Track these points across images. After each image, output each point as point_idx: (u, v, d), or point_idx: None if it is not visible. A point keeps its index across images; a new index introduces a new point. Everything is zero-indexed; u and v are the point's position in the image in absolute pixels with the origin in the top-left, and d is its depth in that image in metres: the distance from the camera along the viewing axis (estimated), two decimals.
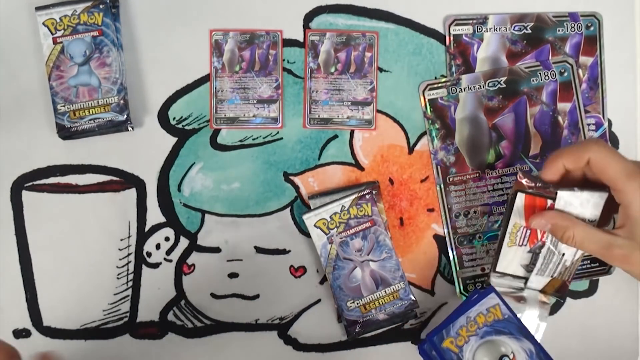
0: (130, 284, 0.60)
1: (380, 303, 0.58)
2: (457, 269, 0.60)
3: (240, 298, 0.60)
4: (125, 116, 0.58)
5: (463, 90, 0.60)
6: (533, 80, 0.60)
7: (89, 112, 0.58)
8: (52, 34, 0.58)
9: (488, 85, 0.60)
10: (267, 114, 0.60)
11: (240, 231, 0.60)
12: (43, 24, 0.58)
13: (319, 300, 0.61)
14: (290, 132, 0.61)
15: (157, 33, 0.60)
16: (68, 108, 0.58)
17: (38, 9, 0.58)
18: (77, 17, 0.58)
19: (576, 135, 0.60)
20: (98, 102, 0.58)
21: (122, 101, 0.58)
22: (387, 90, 0.61)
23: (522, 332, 0.47)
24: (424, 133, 0.61)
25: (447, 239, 0.61)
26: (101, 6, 0.58)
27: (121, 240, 0.60)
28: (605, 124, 0.61)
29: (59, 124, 0.58)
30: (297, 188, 0.61)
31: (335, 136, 0.61)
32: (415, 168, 0.61)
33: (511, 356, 0.47)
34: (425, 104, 0.61)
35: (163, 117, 0.60)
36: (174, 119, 0.60)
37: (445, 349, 0.47)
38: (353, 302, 0.58)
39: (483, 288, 0.51)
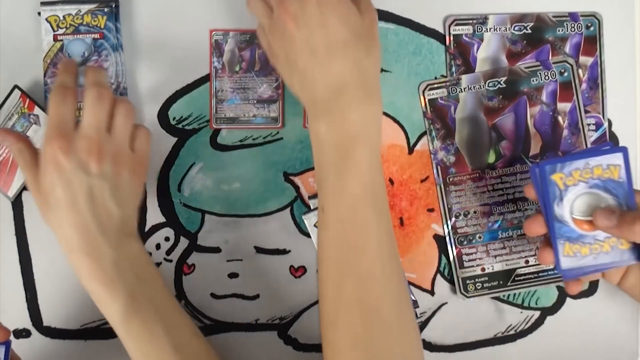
0: None
1: None
2: (457, 269, 0.60)
3: (240, 298, 0.60)
4: None
5: (463, 90, 0.60)
6: (533, 80, 0.60)
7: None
8: (53, 30, 0.58)
9: (488, 85, 0.60)
10: (267, 114, 0.60)
11: (240, 231, 0.60)
12: (46, 19, 0.58)
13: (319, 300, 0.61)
14: (290, 132, 0.61)
15: (157, 33, 0.60)
16: None
17: (43, 3, 0.58)
18: (80, 18, 0.58)
19: (576, 135, 0.60)
20: None
21: None
22: (387, 91, 0.61)
23: (627, 200, 0.48)
24: (424, 133, 0.61)
25: (447, 239, 0.61)
26: (106, 9, 0.58)
27: None
28: (605, 124, 0.61)
29: None
30: (297, 188, 0.61)
31: None
32: (415, 168, 0.61)
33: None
34: (425, 104, 0.61)
35: (163, 117, 0.60)
36: (174, 119, 0.60)
37: (551, 181, 0.48)
38: None
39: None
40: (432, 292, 0.61)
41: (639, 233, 0.47)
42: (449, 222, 0.60)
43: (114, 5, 0.58)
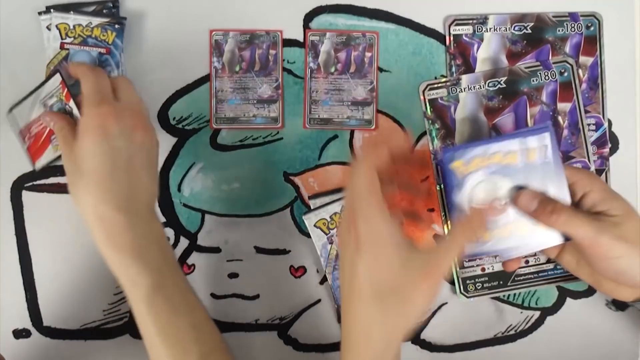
0: None
1: None
2: (457, 269, 0.60)
3: (240, 298, 0.60)
4: None
5: (463, 90, 0.60)
6: (533, 80, 0.60)
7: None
8: (61, 38, 0.58)
9: (488, 85, 0.60)
10: (267, 114, 0.60)
11: (240, 231, 0.60)
12: (55, 26, 0.58)
13: (319, 300, 0.61)
14: (290, 132, 0.61)
15: (157, 33, 0.60)
16: None
17: (55, 9, 0.58)
18: (90, 30, 0.58)
19: (576, 135, 0.60)
20: None
21: None
22: (387, 90, 0.61)
23: (548, 178, 0.49)
24: (424, 133, 0.61)
25: None
26: (117, 26, 0.58)
27: None
28: (605, 124, 0.61)
29: None
30: (297, 188, 0.61)
31: (336, 136, 0.61)
32: (415, 168, 0.61)
33: (504, 201, 0.49)
34: (425, 104, 0.61)
35: (163, 117, 0.60)
36: (174, 119, 0.60)
37: (449, 170, 0.49)
38: None
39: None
40: None
41: (553, 222, 0.48)
42: (449, 222, 0.60)
43: (124, 23, 0.58)
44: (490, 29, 0.61)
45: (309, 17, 0.61)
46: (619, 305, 0.56)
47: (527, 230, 0.50)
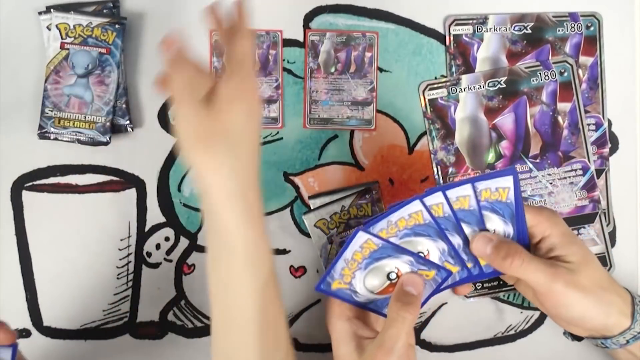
0: (130, 284, 0.60)
1: None
2: None
3: None
4: (107, 139, 0.58)
5: (463, 90, 0.60)
6: (533, 80, 0.60)
7: (74, 125, 0.58)
8: (61, 38, 0.58)
9: (488, 85, 0.60)
10: (267, 114, 0.60)
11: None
12: (56, 26, 0.58)
13: (319, 301, 0.61)
14: (290, 132, 0.61)
15: (157, 33, 0.60)
16: (55, 114, 0.58)
17: (56, 9, 0.58)
18: (90, 30, 0.58)
19: (576, 135, 0.60)
20: (85, 117, 0.58)
21: (108, 123, 0.58)
22: (387, 90, 0.61)
23: (511, 219, 0.49)
24: (424, 133, 0.61)
25: None
26: (117, 26, 0.58)
27: (121, 240, 0.60)
28: (605, 124, 0.61)
29: (42, 126, 0.58)
30: (297, 188, 0.61)
31: (335, 136, 0.61)
32: (415, 168, 0.61)
33: (396, 271, 0.49)
34: (425, 104, 0.61)
35: (163, 117, 0.60)
36: (174, 119, 0.60)
37: (336, 290, 0.50)
38: None
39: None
40: None
41: (507, 268, 0.48)
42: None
43: (125, 23, 0.58)
44: (490, 29, 0.61)
45: (309, 17, 0.61)
46: (574, 337, 0.57)
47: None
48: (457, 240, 0.49)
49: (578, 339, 0.55)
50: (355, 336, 0.50)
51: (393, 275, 0.49)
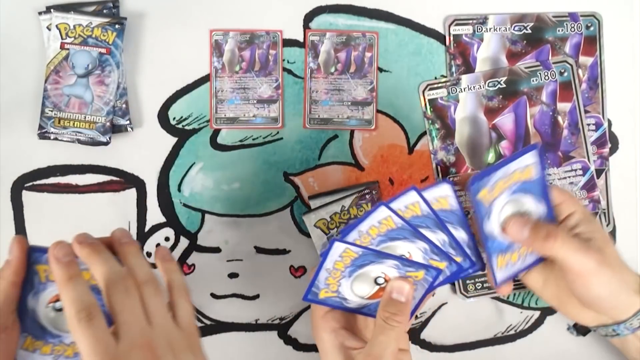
0: None
1: None
2: None
3: (240, 298, 0.60)
4: (107, 139, 0.58)
5: (463, 90, 0.60)
6: (533, 80, 0.60)
7: (74, 125, 0.58)
8: (61, 38, 0.58)
9: (488, 85, 0.60)
10: (267, 114, 0.60)
11: (240, 231, 0.60)
12: (56, 26, 0.58)
13: None
14: (290, 132, 0.61)
15: (157, 33, 0.60)
16: (55, 114, 0.58)
17: (56, 9, 0.58)
18: (90, 30, 0.58)
19: (576, 135, 0.60)
20: (85, 117, 0.58)
21: (108, 123, 0.58)
22: (387, 90, 0.61)
23: (542, 195, 0.49)
24: (424, 133, 0.61)
25: None
26: (117, 26, 0.58)
27: None
28: (605, 124, 0.61)
29: (42, 126, 0.58)
30: (297, 188, 0.61)
31: (335, 136, 0.61)
32: (415, 168, 0.61)
33: (383, 275, 0.49)
34: (425, 104, 0.61)
35: (163, 117, 0.60)
36: (174, 119, 0.60)
37: (325, 299, 0.50)
38: None
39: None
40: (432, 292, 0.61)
41: (549, 249, 0.48)
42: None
43: (125, 23, 0.58)
44: (490, 29, 0.61)
45: (309, 17, 0.61)
46: (580, 330, 0.56)
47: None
48: (440, 237, 0.49)
49: (584, 332, 0.55)
50: (342, 347, 0.50)
51: (381, 280, 0.49)
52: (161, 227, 0.60)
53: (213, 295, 0.60)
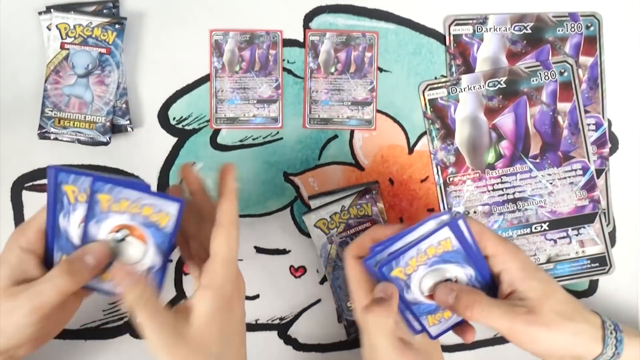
0: None
1: None
2: None
3: None
4: (107, 139, 0.58)
5: (463, 90, 0.60)
6: (533, 80, 0.60)
7: (74, 125, 0.58)
8: (61, 38, 0.58)
9: (488, 85, 0.60)
10: (267, 114, 0.60)
11: (240, 231, 0.60)
12: (56, 26, 0.58)
13: (319, 300, 0.61)
14: (290, 132, 0.61)
15: (157, 33, 0.60)
16: (55, 114, 0.58)
17: (56, 9, 0.58)
18: (90, 30, 0.58)
19: (576, 135, 0.60)
20: (85, 117, 0.58)
21: (108, 123, 0.58)
22: (387, 90, 0.61)
23: (467, 261, 0.48)
24: (424, 133, 0.61)
25: None
26: (117, 26, 0.58)
27: None
28: (605, 124, 0.61)
29: (42, 126, 0.58)
30: (297, 188, 0.61)
31: (335, 136, 0.61)
32: (415, 168, 0.61)
33: (454, 279, 0.48)
34: (425, 104, 0.61)
35: (163, 117, 0.60)
36: (174, 119, 0.60)
37: (394, 277, 0.48)
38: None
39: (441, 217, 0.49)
40: None
41: (471, 318, 0.47)
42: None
43: (125, 23, 0.58)
44: (490, 29, 0.61)
45: (309, 17, 0.61)
46: None
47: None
48: (468, 271, 0.49)
49: None
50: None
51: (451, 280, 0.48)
52: None
53: None
